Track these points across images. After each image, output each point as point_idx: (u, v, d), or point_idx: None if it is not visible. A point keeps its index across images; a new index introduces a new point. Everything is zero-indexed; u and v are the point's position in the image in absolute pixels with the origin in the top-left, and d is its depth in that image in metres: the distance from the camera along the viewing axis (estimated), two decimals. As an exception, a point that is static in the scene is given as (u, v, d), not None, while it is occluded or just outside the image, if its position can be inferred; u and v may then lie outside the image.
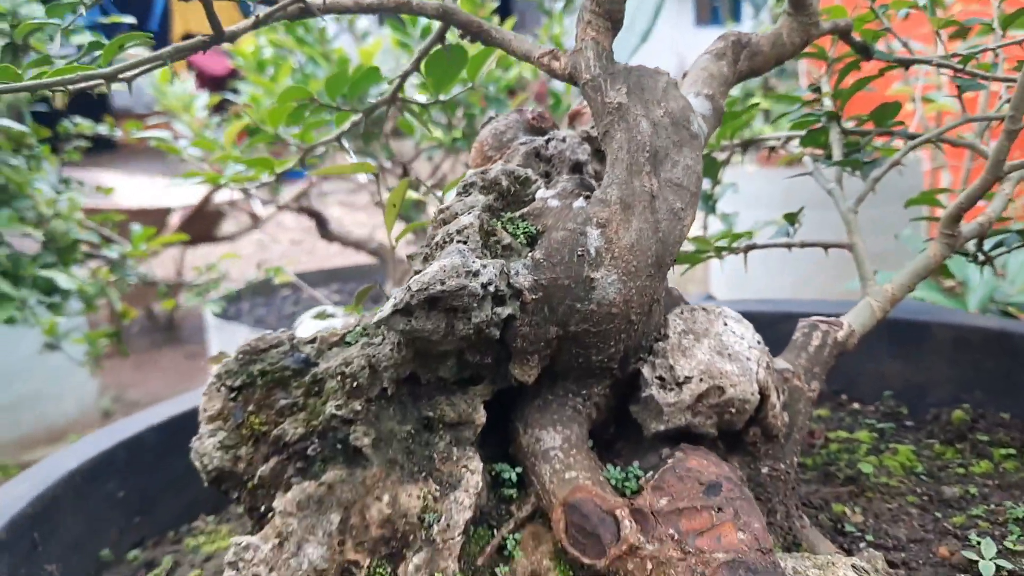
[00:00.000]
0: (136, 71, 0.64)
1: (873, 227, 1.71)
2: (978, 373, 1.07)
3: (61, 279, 1.30)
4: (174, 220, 6.07)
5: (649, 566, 0.61)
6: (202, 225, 6.79)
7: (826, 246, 0.96)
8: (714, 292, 3.52)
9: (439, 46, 0.86)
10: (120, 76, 0.63)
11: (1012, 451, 0.95)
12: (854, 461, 0.95)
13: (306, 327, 1.23)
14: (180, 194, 5.04)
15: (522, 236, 0.68)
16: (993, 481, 0.91)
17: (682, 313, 0.76)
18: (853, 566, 0.65)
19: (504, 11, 2.88)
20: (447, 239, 0.65)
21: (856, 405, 1.14)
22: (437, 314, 0.61)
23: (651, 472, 0.68)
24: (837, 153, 0.97)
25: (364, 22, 2.93)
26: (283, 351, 0.69)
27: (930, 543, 0.79)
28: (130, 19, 1.22)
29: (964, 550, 0.76)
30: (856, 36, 0.94)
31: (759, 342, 0.77)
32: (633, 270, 0.65)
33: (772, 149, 1.13)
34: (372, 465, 0.65)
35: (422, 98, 0.96)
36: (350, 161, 0.94)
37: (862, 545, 0.80)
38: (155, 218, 5.76)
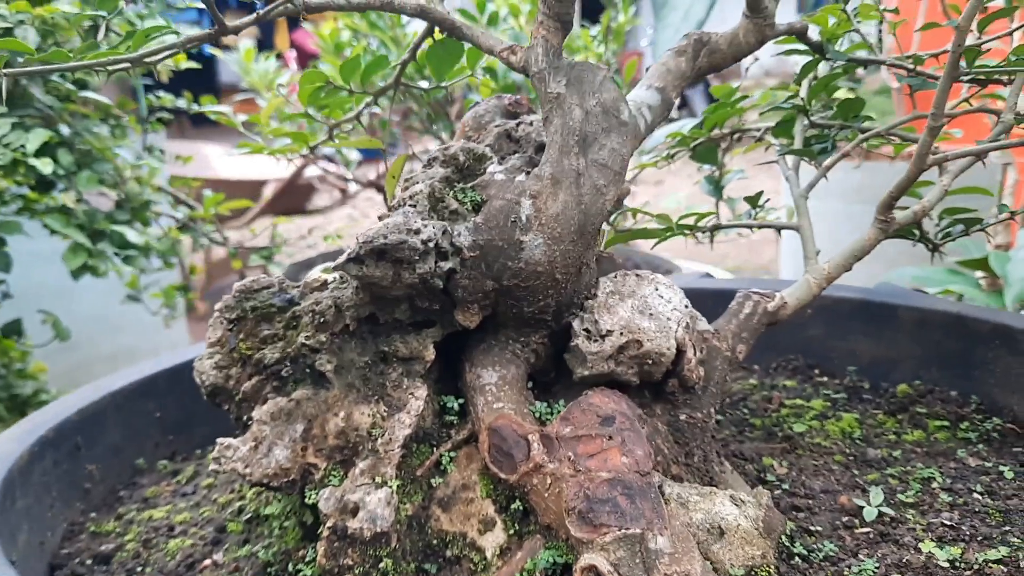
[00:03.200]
0: (157, 57, 0.78)
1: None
2: (937, 353, 1.14)
3: (131, 234, 1.48)
4: (268, 191, 6.36)
5: (548, 481, 0.73)
6: (294, 197, 7.05)
7: (778, 227, 1.06)
8: (782, 269, 3.55)
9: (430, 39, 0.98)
10: (145, 60, 0.78)
11: (946, 423, 1.03)
12: (800, 424, 1.05)
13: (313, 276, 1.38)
14: (276, 168, 5.31)
15: (468, 203, 0.80)
16: (921, 448, 0.99)
17: (615, 277, 0.87)
18: (731, 496, 0.76)
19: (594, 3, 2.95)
20: (401, 203, 0.78)
21: (824, 378, 1.22)
22: (385, 264, 0.75)
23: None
24: (799, 142, 1.06)
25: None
26: (272, 292, 0.84)
27: (837, 494, 0.89)
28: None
29: (857, 499, 0.85)
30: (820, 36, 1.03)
31: (686, 306, 0.88)
32: (557, 236, 0.77)
33: (758, 139, 1.22)
34: (333, 387, 0.79)
35: (425, 84, 1.09)
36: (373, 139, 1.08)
37: (777, 492, 0.90)
38: (251, 189, 6.06)
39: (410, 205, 0.77)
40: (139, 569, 0.84)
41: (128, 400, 1.06)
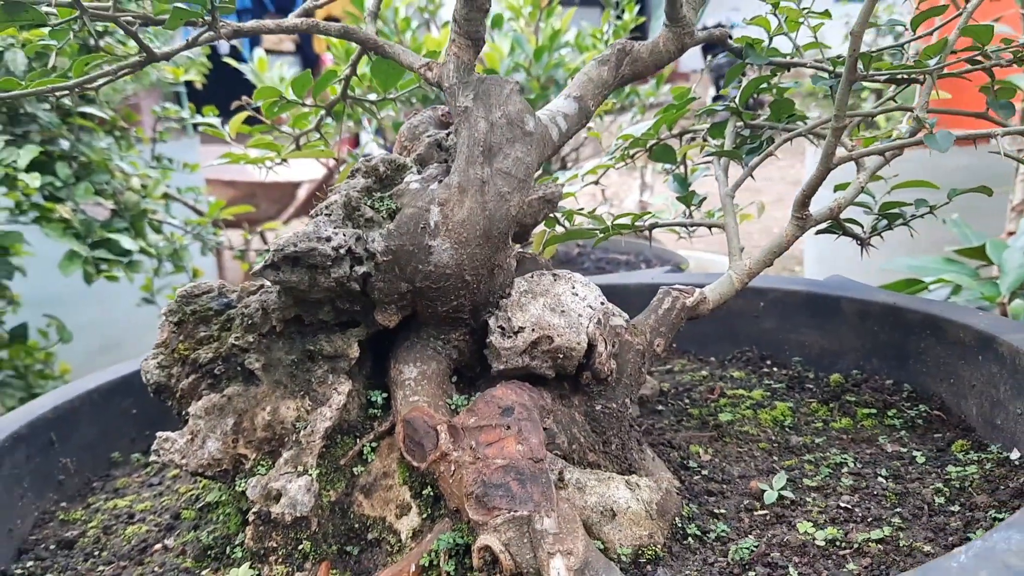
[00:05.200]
0: (99, 83, 0.86)
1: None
2: (876, 343, 1.18)
3: (125, 241, 1.56)
4: (302, 193, 6.48)
5: (453, 468, 0.79)
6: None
7: (709, 226, 1.10)
8: (807, 266, 3.57)
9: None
10: (87, 87, 0.85)
11: (873, 411, 1.07)
12: (734, 413, 1.09)
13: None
14: (310, 169, 5.46)
15: (384, 211, 0.86)
16: (847, 435, 1.03)
17: (531, 277, 0.92)
18: (626, 482, 0.82)
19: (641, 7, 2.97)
20: (318, 212, 0.85)
21: (774, 369, 1.26)
22: (300, 270, 0.81)
23: (480, 400, 0.85)
24: (729, 143, 1.10)
25: (446, 12, 3.13)
26: (212, 296, 0.90)
27: (751, 479, 0.93)
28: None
29: (765, 483, 0.90)
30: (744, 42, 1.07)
31: (602, 303, 0.93)
32: (464, 240, 0.83)
33: (704, 139, 1.26)
34: (262, 384, 0.85)
35: (373, 96, 1.15)
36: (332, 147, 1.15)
37: (696, 477, 0.95)
38: (285, 190, 6.18)
39: (325, 214, 0.84)
40: (97, 553, 0.92)
41: (104, 398, 1.14)
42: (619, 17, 2.64)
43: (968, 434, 1.00)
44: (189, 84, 2.55)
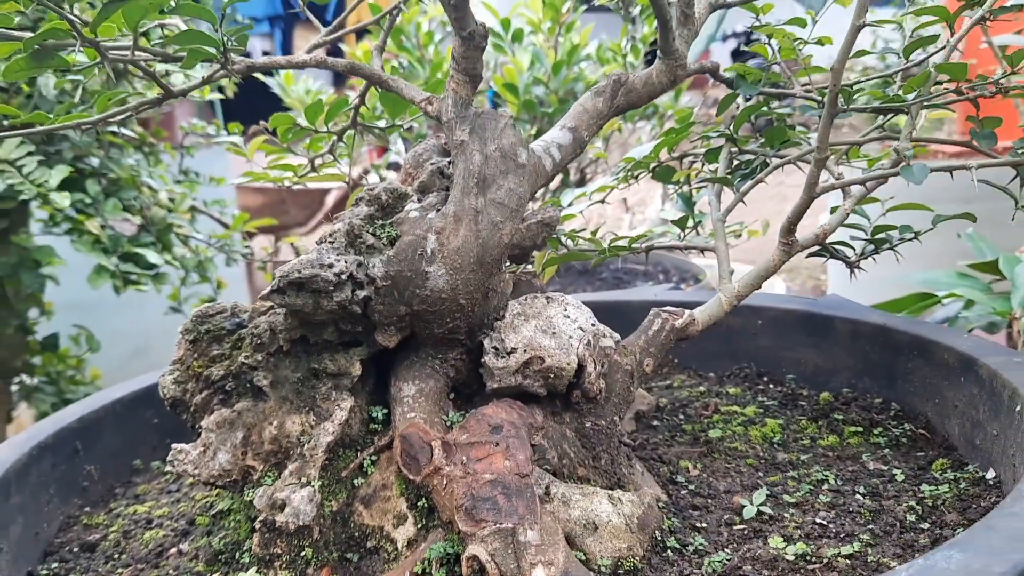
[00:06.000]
0: (120, 117, 0.92)
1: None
2: (867, 362, 1.22)
3: (150, 255, 1.63)
4: (330, 199, 6.58)
5: (445, 481, 0.84)
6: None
7: (703, 249, 1.14)
8: (830, 276, 3.58)
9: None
10: (110, 120, 0.91)
11: (860, 429, 1.10)
12: (725, 429, 1.14)
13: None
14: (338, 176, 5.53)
15: (385, 238, 0.92)
16: (832, 453, 1.07)
17: (525, 300, 0.97)
18: (609, 496, 0.86)
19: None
20: (322, 240, 0.90)
21: (770, 385, 1.30)
22: (305, 294, 0.87)
23: (473, 417, 0.90)
24: (723, 169, 1.15)
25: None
26: (225, 316, 0.96)
27: (736, 494, 0.97)
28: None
29: (744, 498, 0.94)
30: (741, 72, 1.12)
31: (593, 324, 0.98)
32: (458, 266, 0.88)
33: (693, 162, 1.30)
34: (270, 400, 0.91)
35: (382, 122, 1.21)
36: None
37: (683, 492, 0.99)
38: (313, 197, 6.28)
39: (328, 242, 0.89)
40: (117, 556, 0.98)
41: (127, 408, 1.21)
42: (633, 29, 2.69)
43: (950, 453, 1.04)
44: (220, 89, 2.63)
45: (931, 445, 1.07)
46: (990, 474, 0.95)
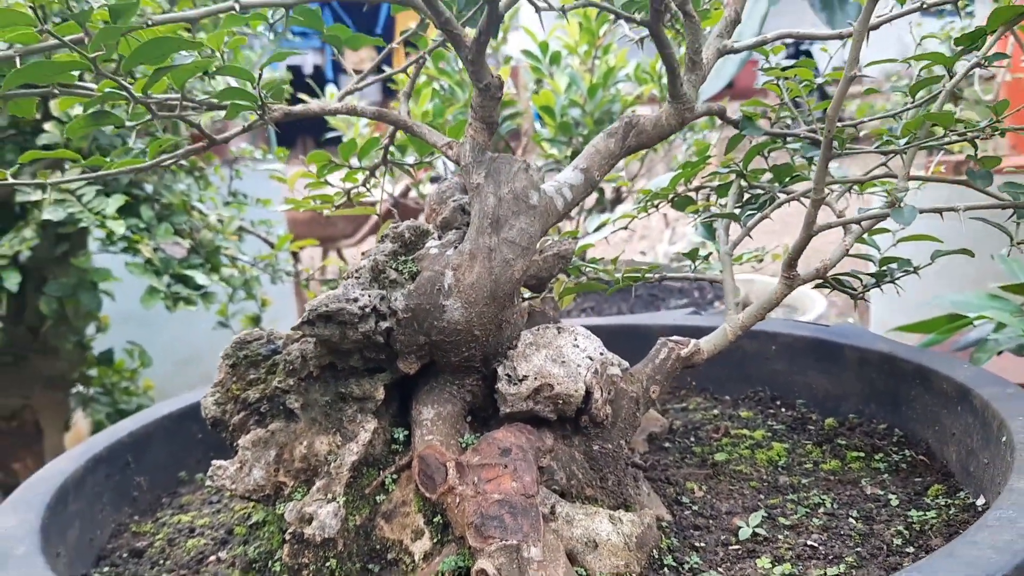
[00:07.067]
0: (169, 162, 1.01)
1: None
2: (874, 389, 1.26)
3: (199, 277, 1.73)
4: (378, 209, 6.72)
5: (458, 499, 0.91)
6: (403, 218, 7.48)
7: (711, 280, 1.20)
8: (875, 300, 3.59)
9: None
10: (160, 165, 1.00)
11: (861, 454, 1.15)
12: (732, 452, 1.19)
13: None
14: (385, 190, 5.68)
15: (407, 273, 0.99)
16: (834, 477, 1.12)
17: (537, 330, 1.04)
18: (610, 516, 0.93)
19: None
20: (349, 275, 0.98)
21: (782, 409, 1.35)
22: (332, 325, 0.95)
23: (486, 440, 0.97)
24: (731, 204, 1.20)
25: (510, 48, 3.28)
26: (261, 343, 1.05)
27: (736, 515, 1.03)
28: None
29: (741, 520, 1.00)
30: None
31: (601, 353, 1.04)
32: (473, 300, 0.95)
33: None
34: (300, 421, 0.99)
35: (410, 159, 1.29)
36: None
37: (686, 512, 1.05)
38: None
39: (354, 277, 0.97)
40: (162, 562, 1.07)
41: (175, 423, 1.30)
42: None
43: (947, 479, 1.08)
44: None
45: (930, 471, 1.11)
46: (980, 501, 1.00)
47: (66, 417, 2.24)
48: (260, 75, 0.89)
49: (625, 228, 1.51)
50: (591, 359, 1.02)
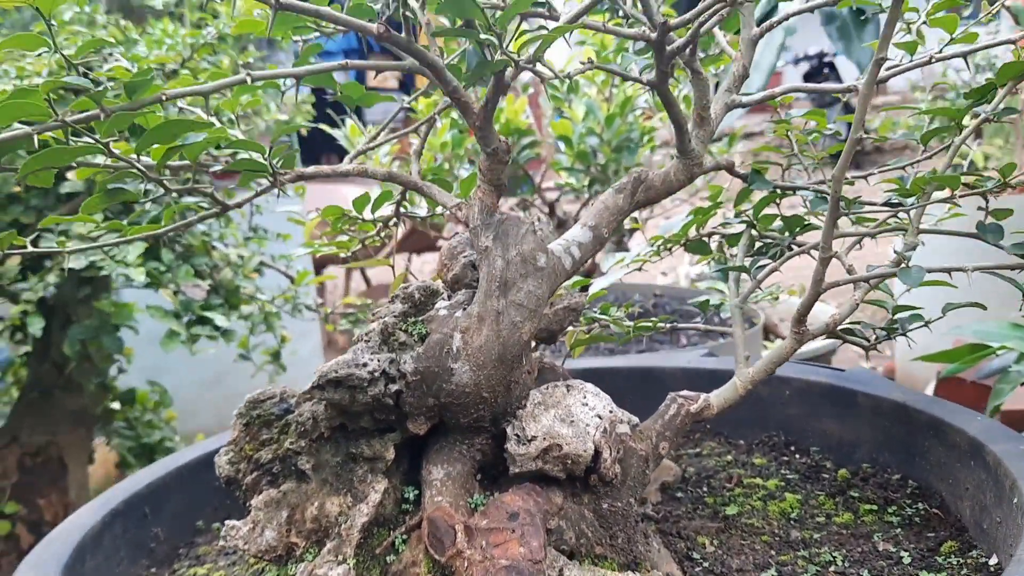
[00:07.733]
0: (183, 227, 1.03)
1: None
2: (887, 437, 1.26)
3: (218, 319, 1.76)
4: (399, 231, 6.79)
5: (466, 564, 0.92)
6: (422, 237, 7.53)
7: (720, 332, 1.20)
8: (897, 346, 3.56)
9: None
10: (176, 230, 1.02)
11: (875, 507, 1.15)
12: (744, 504, 1.19)
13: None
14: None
15: (416, 335, 1.01)
16: (846, 531, 1.12)
17: (546, 389, 1.05)
18: (617, 579, 0.93)
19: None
20: (359, 339, 0.99)
21: (796, 456, 1.35)
22: (342, 389, 0.96)
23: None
24: (741, 255, 1.21)
25: (527, 76, 3.29)
26: (274, 402, 1.06)
27: (747, 572, 1.03)
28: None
29: (752, 579, 1.00)
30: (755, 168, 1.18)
31: (611, 411, 1.05)
32: (481, 363, 0.96)
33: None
34: (312, 482, 1.01)
35: (422, 211, 1.30)
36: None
37: (698, 570, 1.05)
38: (380, 231, 6.52)
39: (364, 341, 0.99)
40: (178, 617, 1.08)
41: (192, 472, 1.32)
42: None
43: (960, 535, 1.08)
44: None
45: (944, 525, 1.10)
46: (993, 560, 0.99)
47: (89, 452, 2.27)
48: (271, 147, 0.90)
49: (639, 270, 1.52)
50: (600, 417, 1.03)
